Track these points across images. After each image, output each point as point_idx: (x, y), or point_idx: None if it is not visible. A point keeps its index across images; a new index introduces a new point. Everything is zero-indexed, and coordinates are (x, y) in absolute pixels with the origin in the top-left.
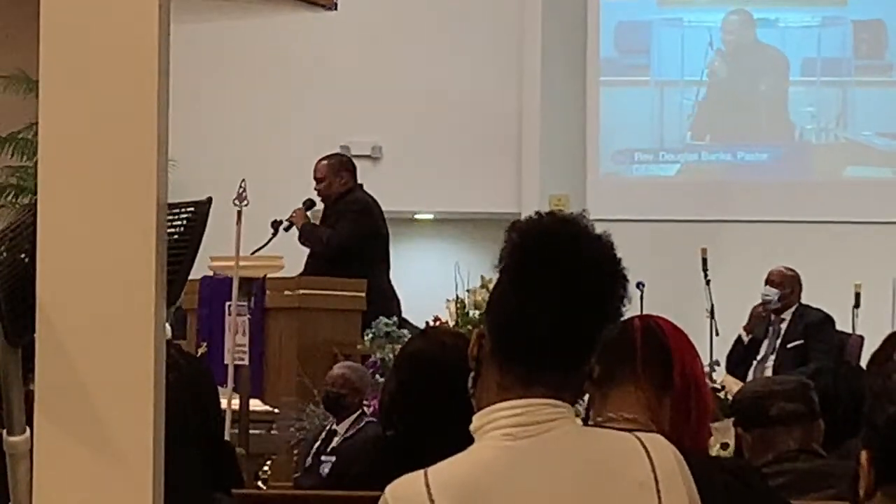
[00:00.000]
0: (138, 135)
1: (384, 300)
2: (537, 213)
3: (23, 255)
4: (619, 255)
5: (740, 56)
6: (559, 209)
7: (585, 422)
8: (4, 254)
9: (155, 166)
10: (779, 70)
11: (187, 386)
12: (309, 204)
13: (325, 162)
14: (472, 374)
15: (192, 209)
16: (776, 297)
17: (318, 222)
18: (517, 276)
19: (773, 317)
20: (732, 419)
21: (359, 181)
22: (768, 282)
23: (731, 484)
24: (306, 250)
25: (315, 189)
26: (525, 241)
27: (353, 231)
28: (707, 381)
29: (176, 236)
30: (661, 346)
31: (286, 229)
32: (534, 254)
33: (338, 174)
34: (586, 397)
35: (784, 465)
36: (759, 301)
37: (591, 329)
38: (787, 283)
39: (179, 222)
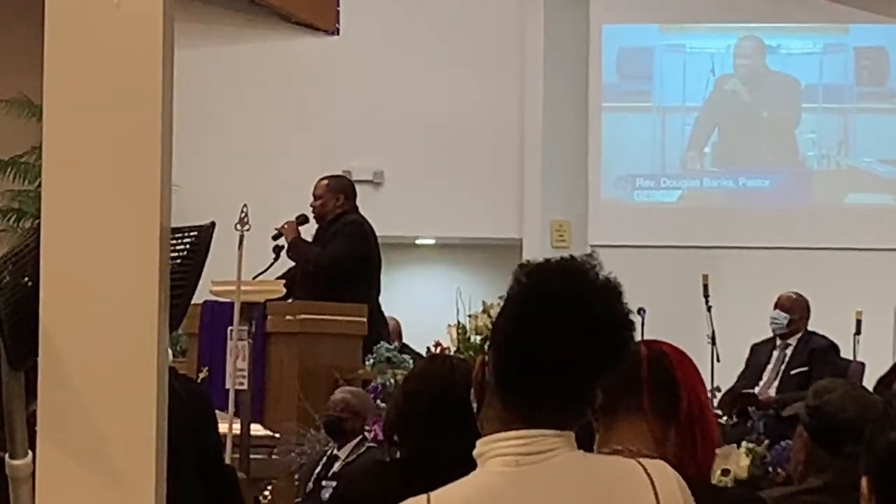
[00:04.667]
0: (142, 159)
1: (373, 325)
2: (546, 259)
3: (26, 279)
4: (625, 301)
5: (749, 82)
6: (566, 247)
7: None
8: (7, 278)
9: (158, 191)
10: (788, 97)
11: (183, 410)
12: (302, 219)
13: (325, 182)
14: (476, 399)
15: (195, 234)
16: (785, 322)
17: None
18: (519, 321)
19: (777, 341)
20: (799, 415)
21: (359, 206)
22: (777, 306)
23: None
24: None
25: (311, 206)
26: (531, 285)
27: (343, 253)
28: (712, 409)
29: (179, 260)
30: (669, 377)
31: (274, 238)
32: (537, 300)
33: (335, 196)
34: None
35: (816, 495)
36: (767, 337)
37: (592, 372)
38: (795, 308)
39: (182, 247)
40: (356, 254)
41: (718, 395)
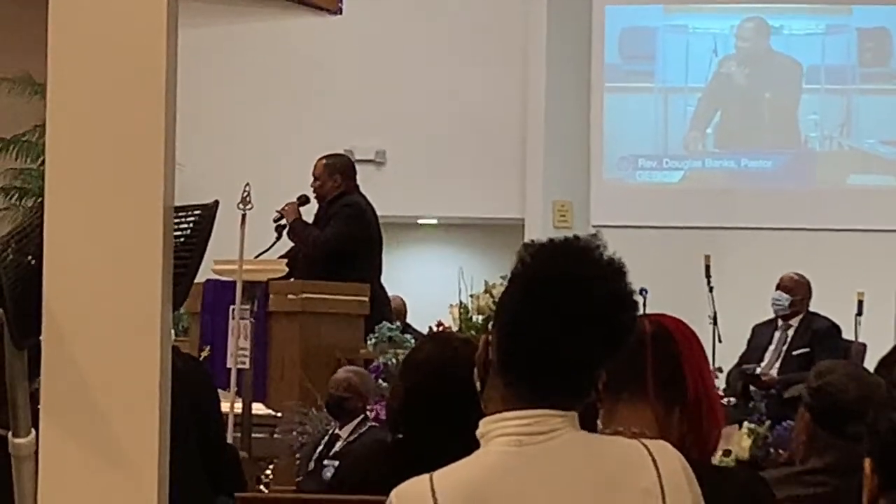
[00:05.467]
0: (145, 138)
1: (376, 304)
2: (551, 239)
3: (29, 258)
4: (629, 281)
5: (752, 63)
6: (568, 228)
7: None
8: (11, 256)
9: (162, 170)
10: (790, 79)
11: (185, 389)
12: (303, 199)
13: (323, 161)
14: (480, 379)
15: (198, 212)
16: (787, 303)
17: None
18: (524, 300)
19: (779, 322)
20: (797, 396)
21: (360, 185)
22: (780, 287)
23: (740, 497)
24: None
25: (311, 186)
26: (535, 264)
27: (341, 235)
28: (716, 389)
29: (182, 239)
30: (674, 361)
31: (276, 220)
32: (542, 279)
33: (332, 176)
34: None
35: (818, 476)
36: (769, 318)
37: (595, 352)
38: (798, 289)
39: (186, 225)
40: (354, 235)
41: (721, 376)
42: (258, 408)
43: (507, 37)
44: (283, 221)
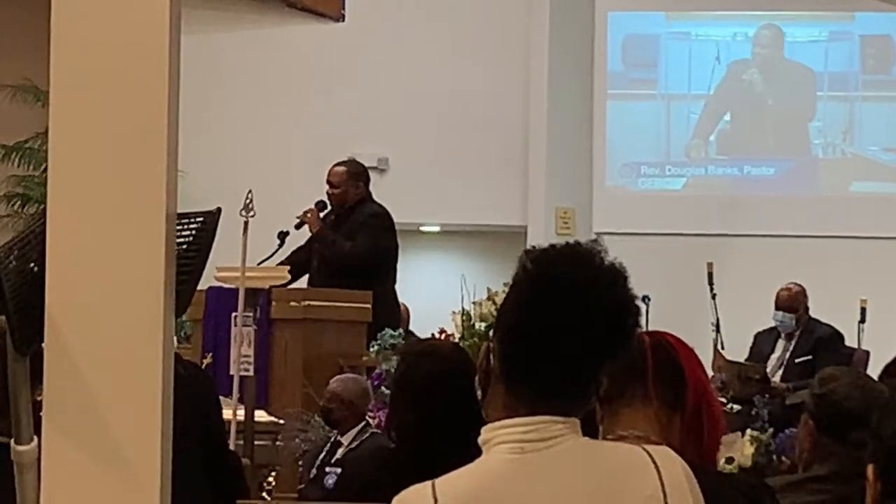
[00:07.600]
0: (148, 145)
1: (392, 310)
2: (552, 245)
3: (32, 265)
4: (631, 286)
5: (763, 70)
6: (571, 235)
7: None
8: (13, 263)
9: (164, 176)
10: (800, 86)
11: (188, 396)
12: (321, 205)
13: (342, 168)
14: (481, 386)
15: (201, 219)
16: (792, 322)
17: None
18: (525, 306)
19: (781, 332)
20: (802, 402)
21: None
22: (779, 306)
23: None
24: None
25: (328, 193)
26: (537, 270)
27: (376, 245)
28: (717, 397)
29: (185, 246)
30: (672, 364)
31: (297, 227)
32: (543, 284)
33: (355, 183)
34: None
35: (822, 483)
36: (771, 325)
37: (597, 358)
38: (797, 303)
39: (188, 232)
40: (386, 247)
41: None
42: (260, 415)
43: (509, 44)
44: (303, 226)
